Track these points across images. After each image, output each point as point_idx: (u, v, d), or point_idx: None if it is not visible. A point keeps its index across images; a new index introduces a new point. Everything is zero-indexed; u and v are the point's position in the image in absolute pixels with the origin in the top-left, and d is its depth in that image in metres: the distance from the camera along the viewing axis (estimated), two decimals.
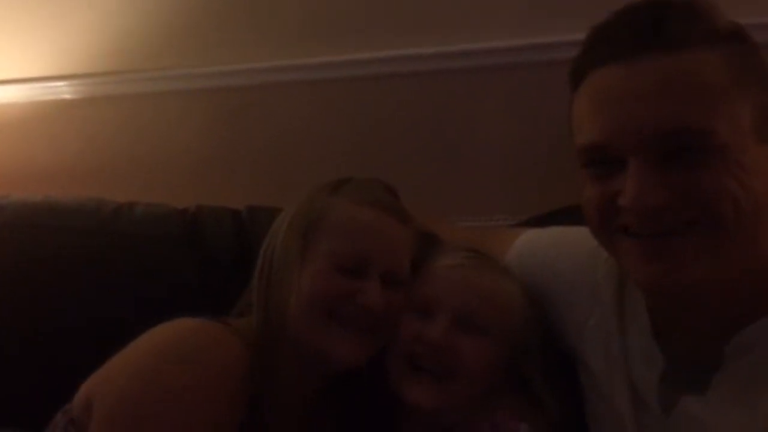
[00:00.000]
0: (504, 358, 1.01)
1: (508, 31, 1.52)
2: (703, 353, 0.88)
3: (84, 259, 1.32)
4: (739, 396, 0.84)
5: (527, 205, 1.40)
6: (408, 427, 1.04)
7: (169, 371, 0.89)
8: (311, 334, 0.98)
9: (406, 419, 1.04)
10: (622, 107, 0.82)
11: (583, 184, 0.89)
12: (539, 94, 1.50)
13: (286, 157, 1.67)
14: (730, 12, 0.85)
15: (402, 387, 1.01)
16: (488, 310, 1.01)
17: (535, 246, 1.14)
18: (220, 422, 0.90)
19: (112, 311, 1.27)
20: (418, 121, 1.60)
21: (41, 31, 1.79)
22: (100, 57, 1.76)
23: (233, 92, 1.69)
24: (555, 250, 1.10)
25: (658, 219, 0.81)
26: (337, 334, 0.98)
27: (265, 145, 1.69)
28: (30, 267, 1.33)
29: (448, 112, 1.58)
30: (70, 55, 1.78)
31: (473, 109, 1.57)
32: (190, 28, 1.69)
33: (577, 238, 1.06)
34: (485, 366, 1.00)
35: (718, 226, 0.80)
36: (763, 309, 0.85)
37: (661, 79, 0.80)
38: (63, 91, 1.79)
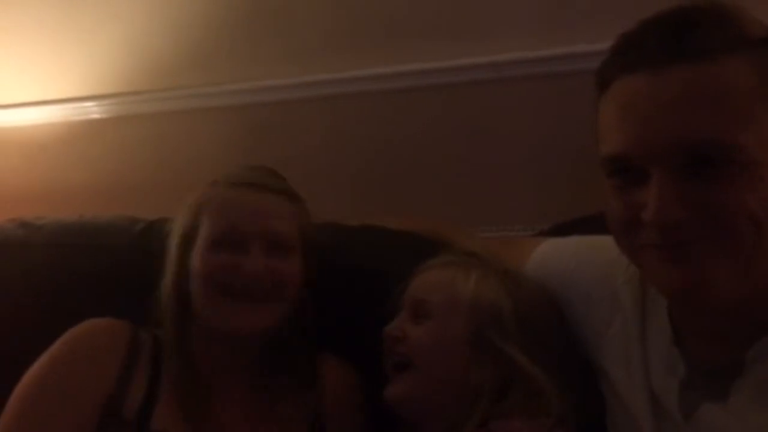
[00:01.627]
0: (463, 339, 1.04)
1: (527, 42, 1.53)
2: (724, 360, 0.88)
3: (117, 275, 1.36)
4: (760, 402, 0.84)
5: (547, 215, 1.40)
6: None
7: (57, 360, 1.07)
8: (206, 310, 1.07)
9: None
10: (647, 117, 0.80)
11: (606, 193, 0.88)
12: (557, 104, 1.50)
13: (309, 170, 1.68)
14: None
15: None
16: (433, 298, 1.07)
17: (553, 255, 1.14)
18: (86, 394, 1.04)
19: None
20: (438, 133, 1.62)
21: (71, 53, 1.84)
22: (129, 77, 1.80)
23: (258, 108, 1.73)
24: (574, 259, 1.11)
25: (678, 231, 0.81)
26: (228, 306, 1.05)
27: (290, 159, 1.70)
28: (66, 285, 1.36)
29: (468, 123, 1.60)
30: (100, 75, 1.82)
31: (492, 121, 1.58)
32: (214, 47, 1.74)
33: (597, 247, 1.07)
34: (436, 348, 1.04)
35: (736, 243, 0.80)
36: None
37: (687, 90, 0.79)
38: (94, 111, 1.84)
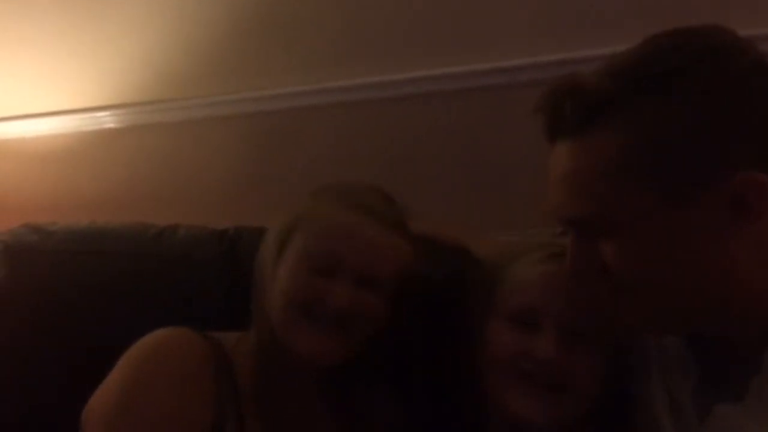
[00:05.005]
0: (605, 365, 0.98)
1: (538, 47, 1.54)
2: (738, 361, 0.88)
3: (128, 280, 1.35)
4: None
5: None
6: None
7: (141, 381, 0.99)
8: (286, 331, 1.01)
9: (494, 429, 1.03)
10: (549, 189, 0.88)
11: None
12: None
13: (320, 177, 1.67)
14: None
15: (507, 401, 0.98)
16: (591, 318, 0.97)
17: None
18: (189, 419, 0.98)
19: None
20: (450, 138, 1.63)
21: (85, 64, 1.85)
22: (141, 87, 1.81)
23: (269, 116, 1.74)
24: None
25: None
26: (307, 331, 1.00)
27: (300, 167, 1.73)
28: (76, 290, 1.35)
29: (479, 128, 1.61)
30: (113, 86, 1.84)
31: (505, 125, 1.58)
32: (225, 57, 1.75)
33: None
34: (596, 377, 0.97)
35: (634, 291, 0.85)
36: None
37: (561, 168, 0.86)
38: (106, 120, 1.85)
